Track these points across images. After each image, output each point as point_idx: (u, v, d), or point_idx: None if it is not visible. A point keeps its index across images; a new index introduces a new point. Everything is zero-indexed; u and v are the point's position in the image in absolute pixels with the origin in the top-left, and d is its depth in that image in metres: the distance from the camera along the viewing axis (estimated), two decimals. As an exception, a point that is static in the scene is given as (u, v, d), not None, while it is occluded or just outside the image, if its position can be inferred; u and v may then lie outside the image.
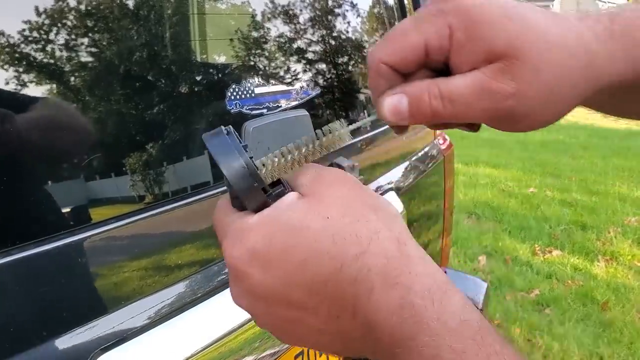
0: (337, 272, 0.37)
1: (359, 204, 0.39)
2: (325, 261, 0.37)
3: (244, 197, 0.39)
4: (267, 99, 0.94)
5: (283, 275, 0.38)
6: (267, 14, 0.99)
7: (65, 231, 0.63)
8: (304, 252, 0.37)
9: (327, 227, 0.37)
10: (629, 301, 3.27)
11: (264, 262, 0.38)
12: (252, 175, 0.39)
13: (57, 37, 0.63)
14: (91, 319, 0.64)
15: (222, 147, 0.39)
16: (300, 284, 0.37)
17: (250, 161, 0.39)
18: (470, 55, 0.40)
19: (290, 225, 0.38)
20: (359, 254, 0.37)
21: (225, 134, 0.40)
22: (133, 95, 0.74)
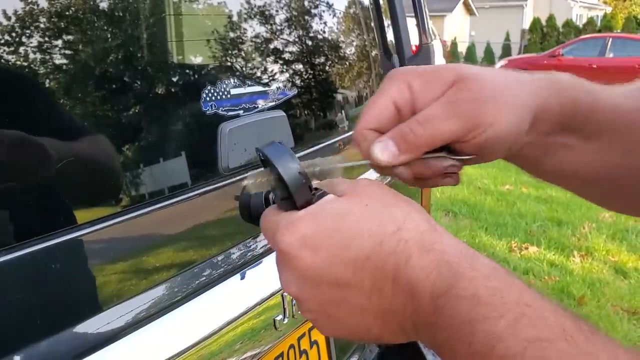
0: (377, 246, 0.42)
1: (390, 196, 0.45)
2: (367, 238, 0.42)
3: (296, 193, 0.45)
4: (244, 100, 0.93)
5: (330, 255, 0.42)
6: (243, 14, 0.99)
7: (37, 237, 0.62)
8: (347, 233, 0.42)
9: (367, 211, 0.43)
10: (604, 295, 3.33)
11: (313, 246, 0.42)
12: (303, 174, 0.45)
13: (29, 40, 0.63)
14: (65, 326, 0.63)
15: (277, 152, 0.46)
16: (345, 262, 0.42)
17: (302, 167, 0.46)
18: (430, 95, 0.50)
19: (335, 213, 0.43)
20: (396, 230, 0.42)
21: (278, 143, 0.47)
22: (108, 96, 0.73)
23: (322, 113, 1.23)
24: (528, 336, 0.36)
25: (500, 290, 0.39)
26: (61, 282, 0.64)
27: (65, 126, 0.68)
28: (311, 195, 0.46)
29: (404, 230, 0.42)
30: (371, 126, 0.51)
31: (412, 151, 0.49)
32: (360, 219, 0.42)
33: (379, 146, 0.50)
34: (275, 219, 0.46)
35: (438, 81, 0.50)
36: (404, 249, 0.41)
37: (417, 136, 0.49)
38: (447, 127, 0.49)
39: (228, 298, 0.83)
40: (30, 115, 0.63)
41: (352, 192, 0.45)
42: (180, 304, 0.76)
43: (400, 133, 0.49)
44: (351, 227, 0.42)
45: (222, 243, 0.88)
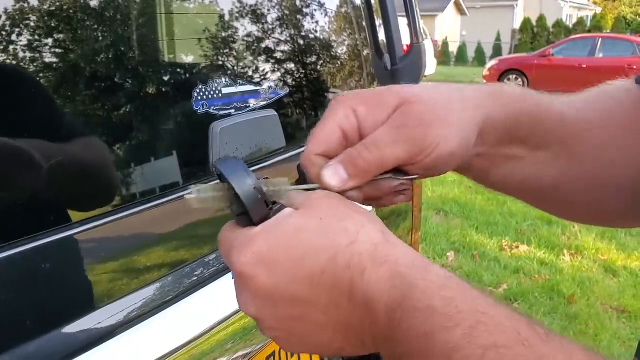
0: (332, 261, 0.42)
1: (345, 208, 0.45)
2: (321, 253, 0.42)
3: (252, 209, 0.45)
4: (235, 99, 0.93)
5: (286, 273, 0.42)
6: (235, 13, 0.99)
7: (27, 237, 0.61)
8: (302, 249, 0.42)
9: (321, 225, 0.43)
10: (594, 294, 3.35)
11: (269, 264, 0.42)
12: (258, 190, 0.45)
13: (19, 38, 0.62)
14: (56, 326, 0.63)
15: (232, 168, 0.46)
16: (301, 278, 0.42)
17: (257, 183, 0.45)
18: (375, 119, 0.51)
19: (290, 229, 0.43)
20: (350, 243, 0.42)
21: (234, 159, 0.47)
22: (99, 96, 0.73)
23: (313, 112, 1.23)
24: (485, 343, 0.36)
25: (454, 299, 0.39)
26: (51, 281, 0.63)
27: (57, 126, 0.68)
28: (267, 210, 0.45)
29: (358, 243, 0.42)
30: (319, 151, 0.51)
31: (361, 176, 0.50)
32: (314, 234, 0.43)
33: (328, 172, 0.50)
34: (232, 236, 0.45)
35: (382, 105, 0.51)
36: (358, 263, 0.42)
37: (366, 161, 0.49)
38: (395, 152, 0.50)
39: (219, 297, 0.83)
40: (19, 115, 0.63)
41: (309, 205, 0.45)
42: (172, 304, 0.76)
43: (349, 158, 0.50)
44: (306, 243, 0.42)
45: (214, 242, 0.87)
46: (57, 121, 0.68)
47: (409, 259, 0.42)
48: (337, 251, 0.42)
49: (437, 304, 0.39)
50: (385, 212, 1.52)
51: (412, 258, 0.42)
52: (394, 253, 0.42)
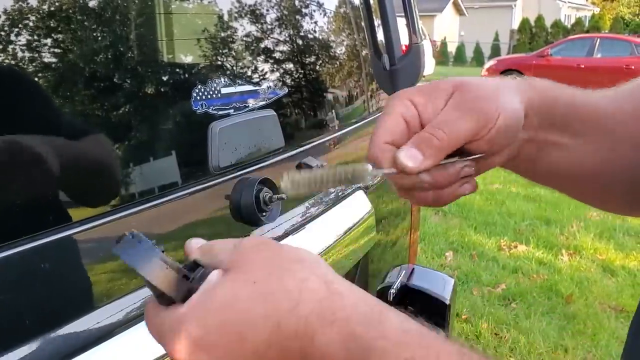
0: (276, 331, 0.38)
1: (280, 260, 0.41)
2: (262, 325, 0.38)
3: (170, 292, 0.41)
4: (234, 99, 0.93)
5: (227, 353, 0.39)
6: (234, 13, 0.99)
7: (25, 236, 0.61)
8: (239, 324, 0.38)
9: (256, 291, 0.39)
10: (592, 293, 3.35)
11: (206, 347, 0.39)
12: (170, 268, 0.41)
13: (18, 37, 0.62)
14: (55, 326, 0.63)
15: (135, 254, 0.41)
16: (245, 355, 0.39)
17: (165, 257, 0.42)
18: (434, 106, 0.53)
19: (220, 302, 0.39)
20: (293, 307, 0.38)
21: (135, 239, 0.42)
22: (97, 95, 0.73)
23: (312, 112, 1.24)
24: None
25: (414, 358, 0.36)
26: (50, 281, 0.63)
27: (55, 125, 0.68)
28: (189, 284, 0.41)
29: (301, 304, 0.38)
30: (387, 140, 0.53)
31: (436, 155, 0.51)
32: (250, 304, 0.38)
33: (403, 153, 0.51)
34: (158, 322, 0.42)
35: (438, 93, 0.54)
36: (305, 328, 0.38)
37: (440, 139, 0.51)
38: (465, 125, 0.52)
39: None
40: (18, 114, 0.63)
41: (236, 264, 0.41)
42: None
43: (421, 139, 0.51)
44: (242, 317, 0.38)
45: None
46: (55, 121, 0.68)
47: (360, 312, 0.38)
48: (280, 319, 0.38)
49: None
50: (384, 213, 1.52)
51: (363, 309, 0.39)
52: (342, 307, 0.38)
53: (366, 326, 0.38)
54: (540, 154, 0.61)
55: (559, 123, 0.59)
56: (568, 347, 2.76)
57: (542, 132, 0.59)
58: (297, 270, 0.40)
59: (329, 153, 1.26)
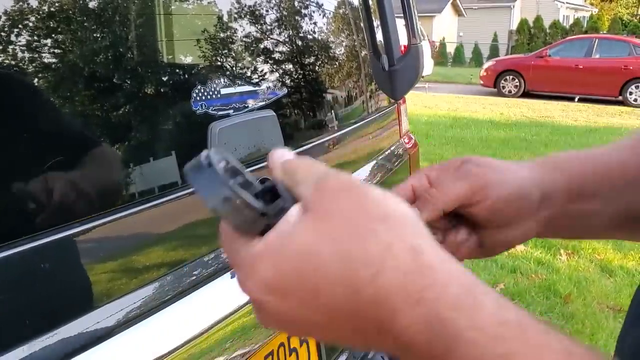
0: (353, 298, 0.35)
1: (365, 216, 0.36)
2: (338, 288, 0.35)
3: (244, 229, 0.38)
4: (234, 99, 0.94)
5: (300, 301, 0.36)
6: (234, 14, 0.99)
7: (25, 236, 0.62)
8: (315, 278, 0.35)
9: (335, 250, 0.35)
10: (590, 293, 3.35)
11: (279, 291, 0.37)
12: (244, 206, 0.37)
13: (18, 38, 0.62)
14: (55, 326, 0.63)
15: (205, 182, 0.37)
16: (318, 308, 0.36)
17: (239, 190, 0.37)
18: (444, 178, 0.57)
19: (297, 251, 0.36)
20: (373, 275, 0.34)
21: (206, 162, 0.38)
22: (97, 96, 0.73)
23: (312, 113, 1.24)
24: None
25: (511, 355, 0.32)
26: (50, 281, 0.63)
27: (55, 126, 0.68)
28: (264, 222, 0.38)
29: (383, 274, 0.34)
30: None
31: (429, 209, 0.55)
32: (327, 263, 0.35)
33: None
34: (233, 249, 0.40)
35: (450, 166, 0.58)
36: (385, 302, 0.34)
37: (432, 195, 0.56)
38: (457, 186, 0.56)
39: (218, 297, 0.83)
40: (17, 114, 0.63)
41: (319, 207, 0.37)
42: (171, 303, 0.76)
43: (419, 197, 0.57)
44: (318, 273, 0.35)
45: (213, 242, 0.88)
46: (54, 121, 0.68)
47: (451, 293, 0.34)
48: (358, 287, 0.34)
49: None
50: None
51: (455, 290, 0.34)
52: (431, 285, 0.34)
53: (456, 312, 0.33)
54: (578, 222, 0.63)
55: (589, 194, 0.61)
56: (566, 347, 2.76)
57: (573, 205, 0.61)
58: (381, 232, 0.35)
59: (328, 153, 1.26)
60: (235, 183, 0.37)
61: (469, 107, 11.71)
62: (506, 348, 0.32)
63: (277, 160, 0.42)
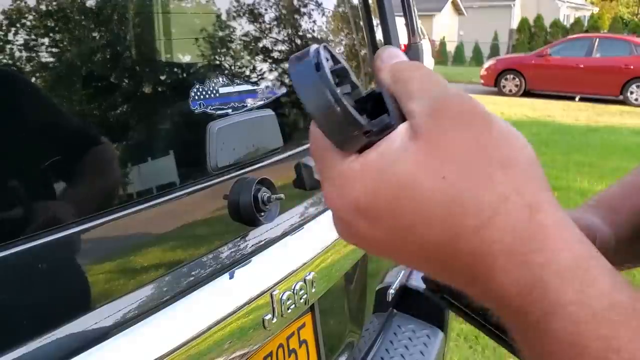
0: (450, 243, 0.32)
1: (484, 158, 0.32)
2: (437, 229, 0.32)
3: (341, 144, 0.34)
4: (232, 99, 0.93)
5: (391, 232, 0.33)
6: (232, 12, 0.99)
7: (23, 237, 0.61)
8: (412, 214, 0.32)
9: (442, 190, 0.31)
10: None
11: (370, 217, 0.33)
12: (346, 119, 0.32)
13: (15, 37, 0.62)
14: (53, 327, 0.63)
15: (308, 80, 0.33)
16: (408, 242, 0.33)
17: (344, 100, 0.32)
18: None
19: (398, 180, 0.32)
20: (479, 226, 0.31)
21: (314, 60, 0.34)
22: (95, 95, 0.72)
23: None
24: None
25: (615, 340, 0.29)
26: (48, 282, 0.63)
27: (53, 125, 0.68)
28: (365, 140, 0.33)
29: (490, 228, 0.31)
30: None
31: None
32: (430, 201, 0.31)
33: None
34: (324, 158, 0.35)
35: None
36: (486, 256, 0.31)
37: None
38: None
39: (217, 297, 0.82)
40: (16, 114, 0.62)
41: (431, 134, 0.32)
42: (169, 304, 0.76)
43: None
44: (418, 210, 0.32)
45: (211, 242, 0.88)
46: (53, 120, 0.68)
47: (562, 262, 0.30)
48: (461, 231, 0.31)
49: (591, 344, 0.29)
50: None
51: (566, 259, 0.30)
52: (540, 248, 0.30)
53: (563, 282, 0.30)
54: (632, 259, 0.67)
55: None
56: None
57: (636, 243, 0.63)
58: (499, 183, 0.31)
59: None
60: (342, 91, 0.33)
61: (469, 107, 11.69)
62: (610, 330, 0.29)
63: (386, 60, 0.36)
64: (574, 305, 0.29)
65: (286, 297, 0.91)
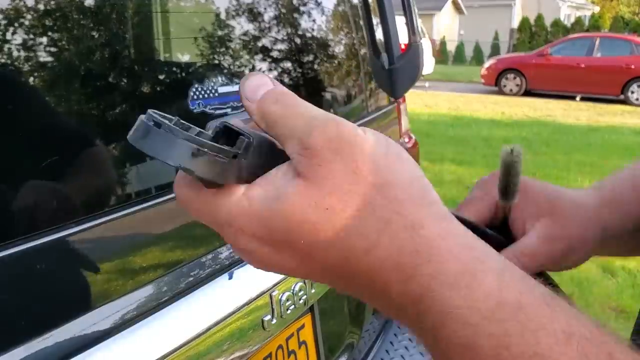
0: (346, 264, 0.34)
1: (361, 184, 0.33)
2: (332, 254, 0.33)
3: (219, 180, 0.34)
4: (231, 98, 0.93)
5: (294, 257, 0.35)
6: (232, 12, 0.98)
7: (21, 237, 0.61)
8: (307, 244, 0.33)
9: (327, 220, 0.33)
10: (592, 294, 3.35)
11: (271, 245, 0.35)
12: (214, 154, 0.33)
13: (13, 37, 0.62)
14: (51, 327, 0.63)
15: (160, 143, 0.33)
16: (313, 266, 0.35)
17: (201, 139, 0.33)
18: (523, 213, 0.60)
19: (286, 215, 0.33)
20: (368, 248, 0.33)
21: (152, 123, 0.34)
22: (93, 95, 0.72)
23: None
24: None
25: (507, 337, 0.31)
26: (46, 282, 0.63)
27: (52, 125, 0.68)
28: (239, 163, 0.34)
29: (378, 249, 0.33)
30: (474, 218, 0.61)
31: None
32: (319, 230, 0.33)
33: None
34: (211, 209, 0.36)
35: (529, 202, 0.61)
36: (379, 274, 0.33)
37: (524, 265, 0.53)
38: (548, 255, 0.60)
39: (216, 298, 0.82)
40: (15, 114, 0.62)
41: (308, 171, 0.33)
42: (168, 304, 0.76)
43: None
44: (310, 238, 0.33)
45: (210, 242, 0.87)
46: (52, 120, 0.68)
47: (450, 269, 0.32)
48: (352, 256, 0.33)
49: (483, 344, 0.31)
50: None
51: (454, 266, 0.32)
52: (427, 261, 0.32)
53: (450, 289, 0.32)
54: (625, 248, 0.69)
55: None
56: (568, 347, 2.76)
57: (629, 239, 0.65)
58: (380, 205, 0.33)
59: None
60: (192, 134, 0.34)
61: (469, 106, 11.71)
62: (498, 328, 0.31)
63: (251, 95, 0.36)
64: (462, 309, 0.31)
65: (285, 298, 0.91)
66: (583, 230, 0.60)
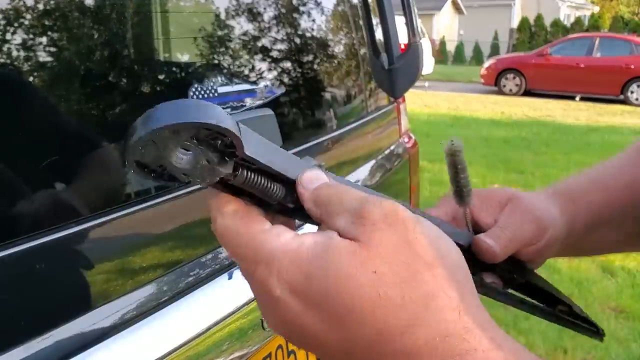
0: (379, 337, 0.32)
1: (411, 256, 0.33)
2: (367, 325, 0.32)
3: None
4: (231, 98, 0.93)
5: (320, 318, 0.34)
6: (232, 11, 0.98)
7: (21, 237, 0.61)
8: (343, 304, 0.32)
9: (372, 282, 0.32)
10: (592, 294, 3.35)
11: (303, 299, 0.34)
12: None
13: (13, 37, 0.62)
14: (51, 327, 0.63)
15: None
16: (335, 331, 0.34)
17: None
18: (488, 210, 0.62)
19: (332, 269, 0.33)
20: (407, 326, 0.32)
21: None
22: (93, 94, 0.72)
23: (310, 111, 1.23)
24: None
25: None
26: (46, 282, 0.63)
27: (53, 125, 0.68)
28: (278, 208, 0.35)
29: (420, 328, 0.32)
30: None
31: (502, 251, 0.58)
32: (361, 291, 0.32)
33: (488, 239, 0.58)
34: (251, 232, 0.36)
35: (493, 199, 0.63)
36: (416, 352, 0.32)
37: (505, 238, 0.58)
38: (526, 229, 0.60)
39: (215, 298, 0.82)
40: (15, 114, 0.62)
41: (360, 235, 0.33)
42: (168, 304, 0.76)
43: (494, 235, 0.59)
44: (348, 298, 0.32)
45: (210, 242, 0.87)
46: (50, 120, 0.68)
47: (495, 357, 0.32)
48: (389, 334, 0.32)
49: None
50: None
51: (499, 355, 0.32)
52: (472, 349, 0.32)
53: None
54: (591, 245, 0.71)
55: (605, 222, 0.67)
56: (567, 348, 2.76)
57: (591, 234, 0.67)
58: (427, 282, 0.32)
59: (327, 152, 1.25)
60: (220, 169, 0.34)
61: (469, 106, 11.72)
62: None
63: (307, 185, 0.38)
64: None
65: (285, 297, 0.91)
66: (547, 213, 0.62)
